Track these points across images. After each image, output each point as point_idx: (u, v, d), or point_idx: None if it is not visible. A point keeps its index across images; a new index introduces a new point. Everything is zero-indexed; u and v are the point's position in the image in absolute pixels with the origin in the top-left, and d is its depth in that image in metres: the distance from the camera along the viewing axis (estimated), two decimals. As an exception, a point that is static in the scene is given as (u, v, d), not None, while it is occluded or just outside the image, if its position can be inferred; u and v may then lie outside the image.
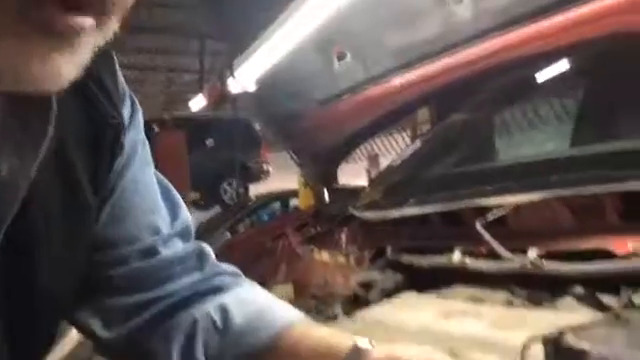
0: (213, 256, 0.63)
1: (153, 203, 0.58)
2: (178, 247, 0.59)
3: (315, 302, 1.20)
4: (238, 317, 0.56)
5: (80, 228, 0.50)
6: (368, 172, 4.22)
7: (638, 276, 0.88)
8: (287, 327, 0.54)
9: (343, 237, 1.47)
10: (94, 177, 0.51)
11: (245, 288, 0.61)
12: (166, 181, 0.62)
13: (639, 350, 0.60)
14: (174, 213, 0.60)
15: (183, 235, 0.60)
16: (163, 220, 0.58)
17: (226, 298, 0.58)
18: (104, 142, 0.52)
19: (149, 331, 0.56)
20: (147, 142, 0.60)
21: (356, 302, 1.20)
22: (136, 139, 0.56)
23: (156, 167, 0.63)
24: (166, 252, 0.57)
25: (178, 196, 0.62)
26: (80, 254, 0.51)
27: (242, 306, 0.57)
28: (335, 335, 0.52)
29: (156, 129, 7.40)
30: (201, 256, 0.61)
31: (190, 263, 0.59)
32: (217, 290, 0.59)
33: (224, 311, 0.56)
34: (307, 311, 1.15)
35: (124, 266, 0.55)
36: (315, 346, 0.51)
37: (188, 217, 0.62)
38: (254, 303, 0.58)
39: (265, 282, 1.26)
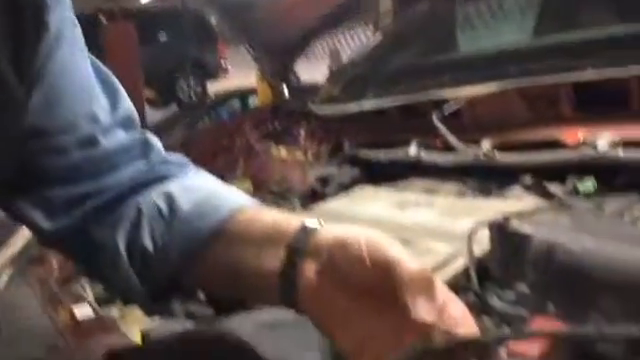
0: (159, 146, 0.61)
1: (88, 90, 0.55)
2: (120, 137, 0.57)
3: (273, 197, 1.21)
4: (185, 204, 0.54)
5: (8, 120, 0.48)
6: (330, 69, 4.13)
7: (585, 165, 0.90)
8: (236, 211, 0.53)
9: (301, 133, 1.46)
10: (18, 65, 0.48)
11: (192, 176, 0.59)
12: (105, 68, 0.59)
13: (581, 234, 0.63)
14: (114, 101, 0.57)
15: (125, 125, 0.57)
16: (102, 108, 0.55)
17: (172, 186, 0.57)
18: (26, 25, 0.47)
19: (93, 222, 0.55)
20: (78, 24, 0.55)
21: (313, 197, 1.22)
22: (62, 17, 0.52)
23: (105, 61, 0.59)
24: (107, 142, 0.55)
25: (119, 84, 0.59)
26: (12, 145, 0.48)
27: (189, 193, 0.56)
28: (285, 217, 0.51)
29: (103, 21, 6.95)
30: (146, 145, 0.59)
31: (134, 153, 0.57)
32: (162, 178, 0.57)
33: (169, 198, 0.55)
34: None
35: (63, 156, 0.53)
36: (264, 228, 0.50)
37: (130, 106, 0.59)
38: (201, 189, 0.56)
39: (223, 179, 1.25)
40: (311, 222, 0.48)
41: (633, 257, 0.57)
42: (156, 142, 0.61)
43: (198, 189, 0.57)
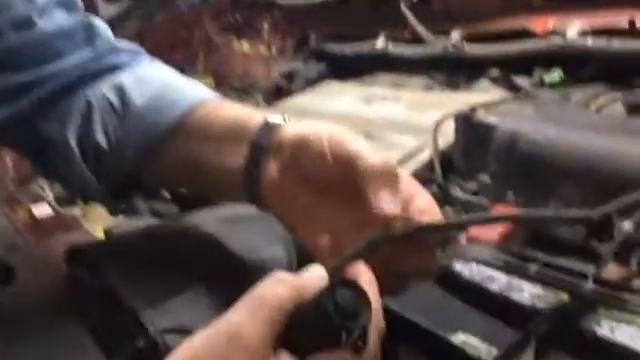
0: (108, 33, 0.56)
1: None
2: (60, 19, 0.53)
3: (236, 93, 1.17)
4: (138, 97, 0.51)
5: None
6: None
7: (553, 55, 0.89)
8: (196, 105, 0.50)
9: (265, 26, 1.39)
10: None
11: (145, 66, 0.55)
12: None
13: (545, 123, 0.63)
14: None
15: (65, 5, 0.53)
16: None
17: (123, 77, 0.53)
18: None
19: (40, 115, 0.52)
20: None
21: (278, 93, 1.18)
22: None
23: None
24: (45, 24, 0.51)
25: None
26: None
27: (142, 85, 0.52)
28: (247, 112, 0.48)
29: None
30: (90, 30, 0.54)
31: (78, 38, 0.53)
32: (112, 68, 0.53)
33: (121, 90, 0.52)
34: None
35: None
36: (226, 123, 0.48)
37: None
38: (156, 81, 0.53)
39: (182, 73, 1.19)
40: (274, 118, 0.46)
41: (595, 144, 0.57)
42: (103, 28, 0.56)
43: (153, 81, 0.53)
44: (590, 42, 0.83)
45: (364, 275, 0.34)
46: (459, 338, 0.43)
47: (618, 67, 0.82)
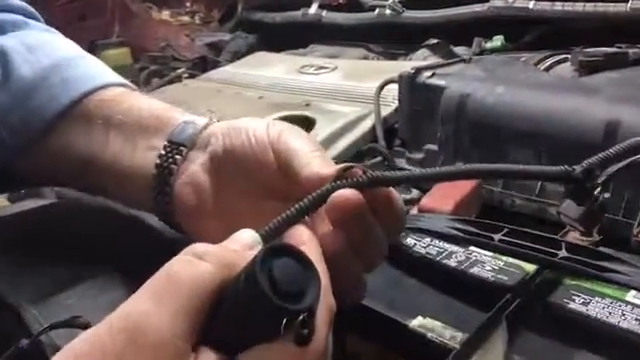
0: None
1: None
2: None
3: (157, 66, 1.06)
4: (25, 68, 0.42)
5: None
6: None
7: (494, 20, 0.85)
8: (98, 88, 0.42)
9: (187, -5, 1.28)
10: None
11: (39, 33, 0.46)
12: None
13: (496, 84, 0.58)
14: None
15: None
16: None
17: (7, 41, 0.44)
18: None
19: None
20: None
21: (204, 65, 1.08)
22: None
23: None
24: None
25: None
26: None
27: (32, 54, 0.43)
28: (165, 105, 0.41)
29: None
30: None
31: None
32: None
33: (3, 56, 0.42)
34: (147, 75, 1.02)
35: None
36: (136, 113, 0.40)
37: None
38: (50, 53, 0.43)
39: (95, 45, 1.07)
40: (198, 118, 0.39)
41: (549, 104, 0.52)
42: None
43: (45, 52, 0.44)
44: (532, 5, 0.79)
45: (306, 238, 0.27)
46: (418, 322, 0.37)
47: (561, 31, 0.79)
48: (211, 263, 0.23)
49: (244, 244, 0.26)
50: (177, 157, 0.37)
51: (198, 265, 0.23)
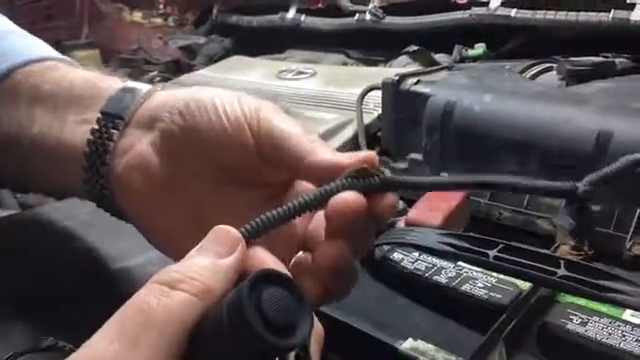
0: None
1: None
2: None
3: (128, 69, 1.02)
4: None
5: None
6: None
7: (473, 28, 0.84)
8: (29, 63, 0.37)
9: (161, -3, 1.24)
10: None
11: None
12: None
13: (480, 92, 0.56)
14: None
15: None
16: None
17: None
18: None
19: None
20: None
21: (177, 69, 1.05)
22: None
23: None
24: None
25: None
26: None
27: None
28: (101, 75, 0.36)
29: None
30: None
31: None
32: None
33: None
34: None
35: None
36: (67, 84, 0.35)
37: None
38: None
39: (63, 46, 1.02)
40: (138, 84, 0.34)
41: (536, 113, 0.51)
42: None
43: None
44: (514, 13, 0.78)
45: (271, 263, 0.24)
46: (409, 345, 0.35)
47: (543, 40, 0.78)
48: (187, 292, 0.20)
49: (223, 265, 0.22)
50: (113, 132, 0.32)
51: (172, 295, 0.20)
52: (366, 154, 0.28)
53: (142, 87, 0.34)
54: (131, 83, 0.34)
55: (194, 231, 0.24)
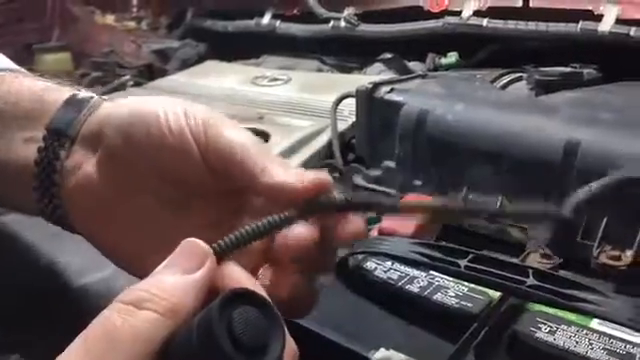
0: None
1: None
2: None
3: (100, 73, 1.00)
4: None
5: None
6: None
7: (448, 36, 0.85)
8: None
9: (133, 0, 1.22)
10: None
11: None
12: None
13: (452, 101, 0.57)
14: None
15: None
16: None
17: None
18: None
19: None
20: None
21: (150, 74, 1.03)
22: None
23: None
24: None
25: None
26: None
27: None
28: (49, 85, 0.35)
29: None
30: None
31: None
32: None
33: None
34: (90, 82, 0.96)
35: None
36: (13, 99, 0.34)
37: None
38: None
39: (32, 48, 1.00)
40: (81, 95, 0.33)
41: (509, 123, 0.52)
42: None
43: None
44: (486, 22, 0.79)
45: (245, 280, 0.24)
46: (381, 355, 0.35)
47: (513, 50, 0.79)
48: (154, 311, 0.20)
49: (190, 280, 0.22)
50: (59, 151, 0.31)
51: (139, 315, 0.20)
52: (317, 177, 0.28)
53: (87, 97, 0.33)
54: (77, 93, 0.33)
55: (155, 247, 0.24)
